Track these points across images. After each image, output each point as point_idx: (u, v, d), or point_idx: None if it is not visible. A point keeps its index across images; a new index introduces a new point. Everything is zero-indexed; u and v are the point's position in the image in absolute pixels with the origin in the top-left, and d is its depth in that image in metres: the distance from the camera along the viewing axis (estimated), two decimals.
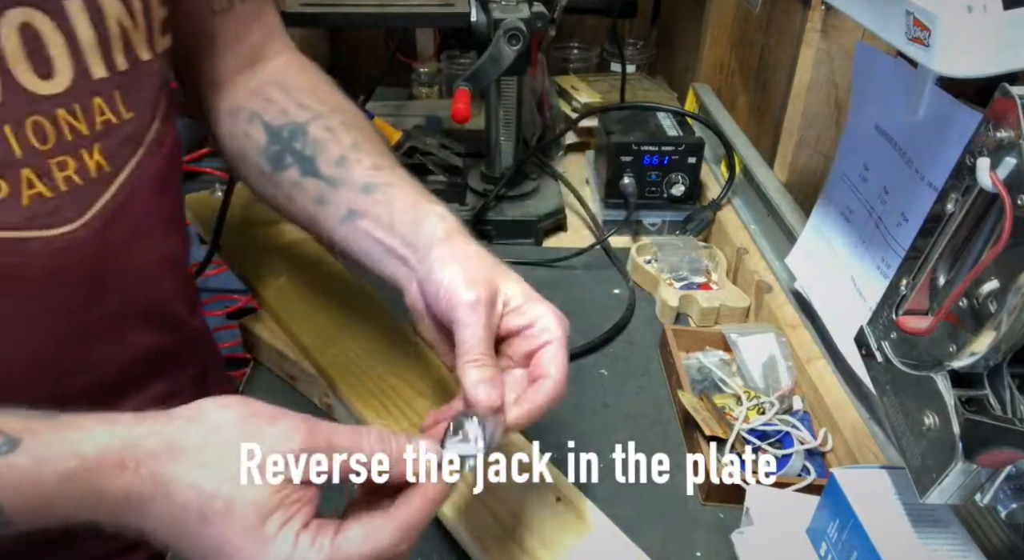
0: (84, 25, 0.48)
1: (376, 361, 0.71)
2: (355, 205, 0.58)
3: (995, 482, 0.43)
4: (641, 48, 1.46)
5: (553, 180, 1.12)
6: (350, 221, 0.58)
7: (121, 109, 0.52)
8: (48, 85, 0.47)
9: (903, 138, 0.67)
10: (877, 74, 0.70)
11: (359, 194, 0.58)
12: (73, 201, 0.49)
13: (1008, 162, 0.40)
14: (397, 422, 0.65)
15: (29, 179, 0.47)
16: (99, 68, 0.50)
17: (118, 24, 0.50)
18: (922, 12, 0.50)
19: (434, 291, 0.51)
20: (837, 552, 0.53)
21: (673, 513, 0.66)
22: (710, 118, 1.15)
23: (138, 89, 0.53)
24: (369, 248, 0.57)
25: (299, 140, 0.61)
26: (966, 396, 0.43)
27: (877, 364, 0.50)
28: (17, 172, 0.46)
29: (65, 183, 0.49)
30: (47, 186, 0.48)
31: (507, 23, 0.90)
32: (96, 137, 0.50)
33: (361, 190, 0.58)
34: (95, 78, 0.49)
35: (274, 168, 0.62)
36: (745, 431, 0.69)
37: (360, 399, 0.68)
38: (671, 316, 0.89)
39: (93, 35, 0.48)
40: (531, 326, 0.52)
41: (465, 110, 0.91)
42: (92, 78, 0.49)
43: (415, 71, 1.40)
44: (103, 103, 0.50)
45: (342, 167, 0.59)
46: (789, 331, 0.80)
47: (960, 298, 0.42)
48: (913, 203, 0.64)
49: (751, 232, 0.97)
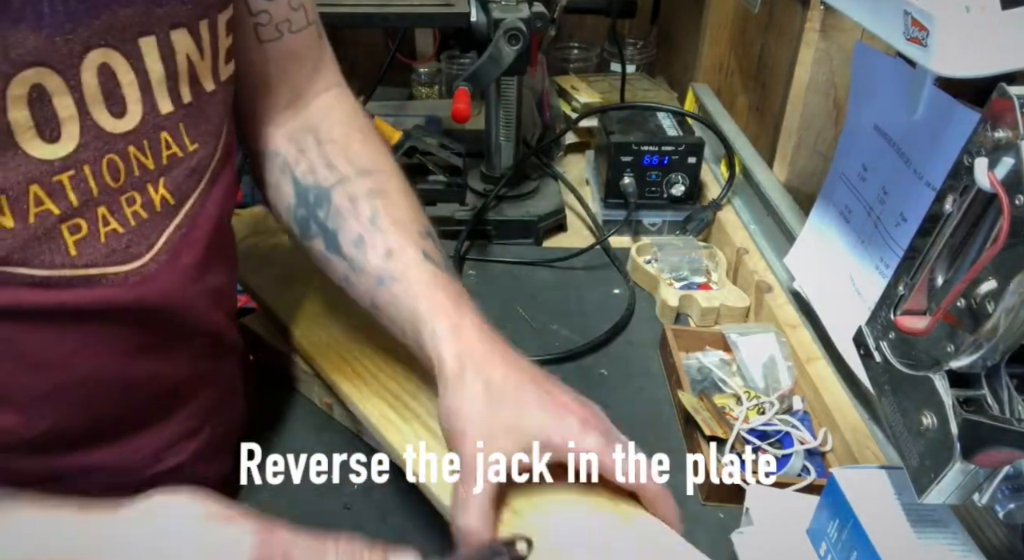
0: (155, 62, 0.48)
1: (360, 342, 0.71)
2: (374, 297, 0.58)
3: (993, 482, 0.43)
4: (641, 48, 1.46)
5: (553, 180, 1.12)
6: (375, 310, 0.58)
7: (186, 141, 0.52)
8: (121, 123, 0.47)
9: (902, 138, 0.67)
10: (876, 74, 0.70)
11: (375, 285, 0.58)
12: (141, 235, 0.50)
13: (1006, 162, 0.40)
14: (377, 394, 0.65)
15: (104, 216, 0.47)
16: (166, 103, 0.50)
17: (186, 59, 0.50)
18: (920, 12, 0.50)
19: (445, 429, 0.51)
20: (837, 552, 0.53)
21: None
22: (710, 118, 1.15)
23: (202, 120, 0.53)
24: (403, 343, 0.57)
25: (323, 208, 0.61)
26: (964, 396, 0.43)
27: (875, 364, 0.50)
28: (95, 211, 0.47)
29: (133, 218, 0.49)
30: (119, 222, 0.48)
31: (507, 23, 0.90)
32: (161, 171, 0.50)
33: (376, 282, 0.58)
34: (162, 113, 0.49)
35: (302, 234, 0.62)
36: (745, 431, 0.69)
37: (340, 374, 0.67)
38: (671, 316, 0.89)
39: (162, 71, 0.48)
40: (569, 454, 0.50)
41: (465, 110, 0.91)
42: (160, 114, 0.49)
43: (415, 71, 1.40)
44: (169, 137, 0.50)
45: (360, 249, 0.59)
46: (789, 331, 0.80)
47: (958, 298, 0.42)
48: (912, 203, 0.64)
49: (751, 232, 0.98)
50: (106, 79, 0.45)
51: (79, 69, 0.44)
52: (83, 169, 0.45)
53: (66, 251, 0.46)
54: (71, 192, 0.45)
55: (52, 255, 0.45)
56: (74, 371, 0.50)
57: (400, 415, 0.63)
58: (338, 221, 0.60)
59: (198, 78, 0.52)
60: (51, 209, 0.44)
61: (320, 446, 0.70)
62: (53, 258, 0.45)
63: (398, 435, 0.60)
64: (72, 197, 0.45)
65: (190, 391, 0.60)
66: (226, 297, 0.63)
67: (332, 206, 0.60)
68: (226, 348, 0.65)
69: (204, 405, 0.62)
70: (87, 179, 0.46)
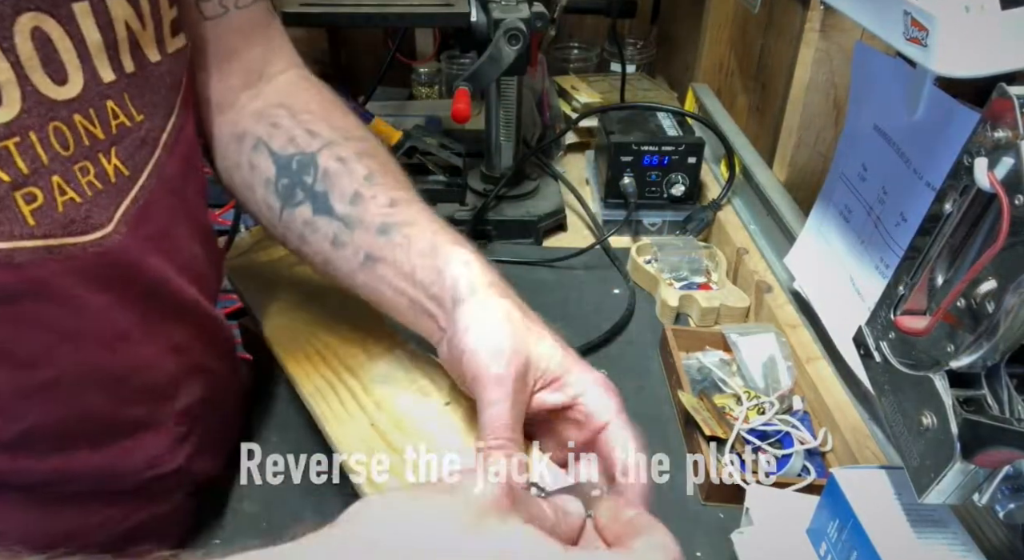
0: (91, 28, 0.47)
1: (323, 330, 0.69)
2: (372, 249, 0.54)
3: (993, 482, 0.43)
4: (641, 48, 1.46)
5: (553, 180, 1.12)
6: (368, 267, 0.55)
7: (132, 111, 0.51)
8: (63, 90, 0.46)
9: (902, 138, 0.67)
10: (876, 74, 0.70)
11: (375, 236, 0.54)
12: (100, 206, 0.49)
13: (1006, 162, 0.40)
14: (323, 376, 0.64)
15: (60, 185, 0.46)
16: (107, 71, 0.49)
17: (125, 26, 0.49)
18: (920, 12, 0.50)
19: (458, 357, 0.48)
20: (837, 552, 0.53)
21: (673, 513, 0.65)
22: (710, 118, 1.15)
23: (148, 90, 0.52)
24: (392, 299, 0.54)
25: (309, 173, 0.58)
26: (964, 396, 0.43)
27: (875, 364, 0.50)
28: (48, 179, 0.46)
29: (89, 188, 0.48)
30: (76, 191, 0.47)
31: (507, 23, 0.90)
32: (112, 141, 0.50)
33: (378, 231, 0.54)
34: (105, 82, 0.49)
35: (284, 203, 0.59)
36: (745, 431, 0.69)
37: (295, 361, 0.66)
38: (671, 316, 0.89)
39: (99, 38, 0.48)
40: (576, 406, 0.47)
41: (465, 110, 0.91)
42: (102, 82, 0.49)
43: (415, 71, 1.40)
44: (115, 106, 0.50)
45: (356, 204, 0.56)
46: (789, 331, 0.80)
47: (958, 298, 0.42)
48: (912, 203, 0.64)
49: (751, 232, 0.98)
50: (42, 44, 0.45)
51: (11, 31, 0.43)
52: (29, 135, 0.44)
53: (24, 221, 0.45)
54: (19, 159, 0.44)
55: (10, 225, 0.44)
56: (48, 365, 0.48)
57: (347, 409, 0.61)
58: (328, 182, 0.57)
59: (140, 47, 0.51)
60: (1, 176, 0.43)
61: (320, 446, 0.70)
62: (12, 229, 0.44)
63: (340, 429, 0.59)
64: (21, 164, 0.44)
65: (179, 389, 0.58)
66: (201, 273, 0.60)
67: (320, 169, 0.58)
68: (211, 336, 0.63)
69: (195, 405, 0.60)
70: (34, 146, 0.45)
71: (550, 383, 0.48)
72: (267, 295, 0.77)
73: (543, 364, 0.48)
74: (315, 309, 0.74)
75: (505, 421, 0.44)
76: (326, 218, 0.57)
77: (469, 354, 0.47)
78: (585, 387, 0.48)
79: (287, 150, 0.60)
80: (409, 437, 0.56)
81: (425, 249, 0.53)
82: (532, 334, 0.48)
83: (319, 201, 0.57)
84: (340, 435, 0.58)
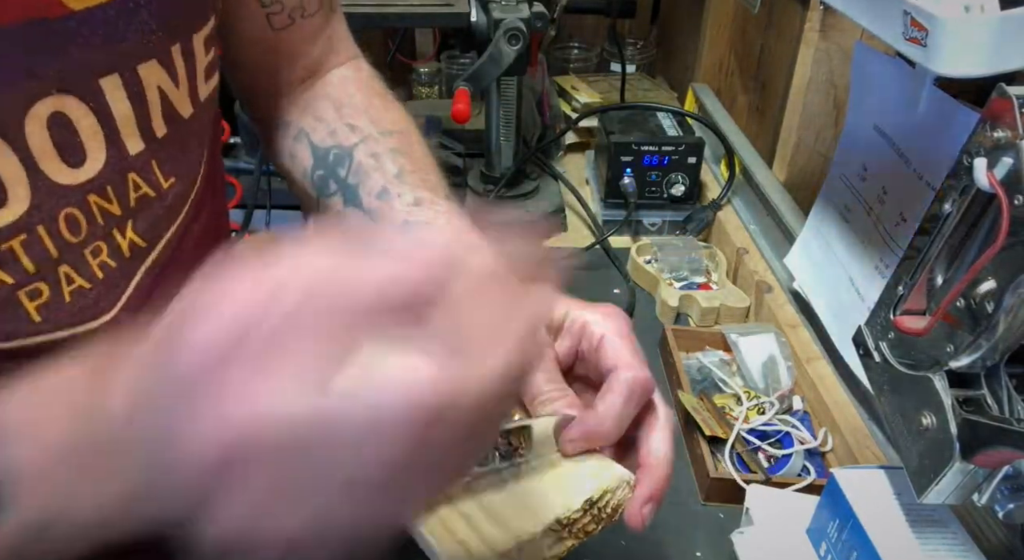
0: (120, 101, 0.43)
1: None
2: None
3: (992, 482, 0.43)
4: (641, 48, 1.46)
5: (553, 180, 1.12)
6: None
7: (159, 179, 0.47)
8: (79, 173, 0.42)
9: (901, 138, 0.67)
10: (875, 74, 0.70)
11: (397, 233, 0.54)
12: (110, 285, 0.45)
13: (1005, 162, 0.40)
14: None
15: (68, 275, 0.43)
16: (134, 142, 0.44)
17: (158, 91, 0.45)
18: (920, 12, 0.50)
19: None
20: (837, 552, 0.53)
21: (673, 513, 0.66)
22: (710, 118, 1.15)
23: (180, 151, 0.48)
24: None
25: (344, 166, 0.58)
26: (963, 396, 0.43)
27: (875, 364, 0.50)
28: (56, 271, 0.42)
29: (101, 269, 0.44)
30: (85, 278, 0.44)
31: (507, 23, 0.90)
32: (129, 214, 0.45)
33: (399, 229, 0.55)
34: (131, 154, 0.44)
35: (319, 193, 0.60)
36: (745, 431, 0.69)
37: None
38: (671, 316, 0.89)
39: (129, 110, 0.43)
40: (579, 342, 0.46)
41: (465, 110, 0.91)
42: (127, 155, 0.44)
43: (415, 71, 1.40)
44: (137, 177, 0.45)
45: (384, 200, 0.56)
46: (789, 331, 0.80)
47: (957, 298, 0.42)
48: (911, 203, 0.64)
49: (751, 232, 0.97)
50: (59, 130, 0.40)
51: (22, 123, 0.39)
52: (36, 230, 0.40)
53: (27, 318, 0.41)
54: (24, 257, 0.40)
55: (13, 324, 0.41)
56: None
57: None
58: (360, 176, 0.58)
59: (174, 107, 0.47)
60: (3, 279, 0.39)
61: None
62: (16, 327, 0.41)
63: None
64: (26, 262, 0.40)
65: None
66: None
67: (354, 163, 0.58)
68: None
69: None
70: (42, 240, 0.41)
71: (557, 331, 0.46)
72: None
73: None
74: None
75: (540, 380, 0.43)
76: (355, 211, 0.58)
77: None
78: (587, 317, 0.45)
79: (326, 143, 0.60)
80: None
81: None
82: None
83: (350, 193, 0.58)
84: None
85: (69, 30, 0.40)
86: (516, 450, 0.40)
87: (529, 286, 0.32)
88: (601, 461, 0.42)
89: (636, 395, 0.42)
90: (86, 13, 0.40)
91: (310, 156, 0.60)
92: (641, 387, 0.42)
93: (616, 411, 0.42)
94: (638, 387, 0.42)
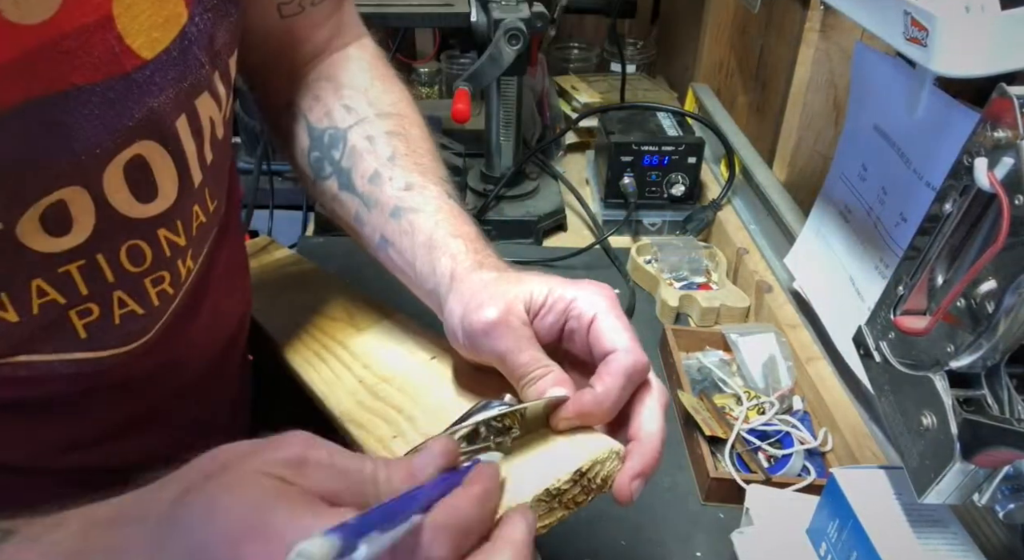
0: (188, 138, 0.44)
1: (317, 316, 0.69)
2: (385, 232, 0.55)
3: (993, 482, 0.43)
4: (641, 48, 1.46)
5: (553, 180, 1.12)
6: (383, 249, 0.55)
7: (209, 204, 0.48)
8: (150, 208, 0.43)
9: (902, 138, 0.67)
10: (876, 74, 0.70)
11: (388, 219, 0.55)
12: (161, 311, 0.46)
13: (1005, 162, 0.40)
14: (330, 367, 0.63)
15: (121, 299, 0.44)
16: (197, 174, 0.46)
17: (210, 120, 0.46)
18: (920, 12, 0.50)
19: (455, 339, 0.47)
20: (837, 552, 0.53)
21: (673, 513, 0.66)
22: (710, 118, 1.15)
23: (220, 172, 0.50)
24: (405, 281, 0.55)
25: (338, 148, 0.58)
26: (964, 396, 0.43)
27: (875, 364, 0.50)
28: (109, 296, 0.43)
29: (159, 298, 0.46)
30: (139, 303, 0.45)
31: (507, 23, 0.90)
32: (191, 244, 0.47)
33: (390, 215, 0.55)
34: (195, 185, 0.46)
35: (316, 176, 0.60)
36: (745, 431, 0.69)
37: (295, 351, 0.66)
38: (671, 316, 0.89)
39: (193, 145, 0.45)
40: (566, 320, 0.45)
41: (465, 110, 0.91)
42: (193, 186, 0.46)
43: (415, 71, 1.41)
44: (198, 208, 0.47)
45: (375, 184, 0.56)
46: (789, 331, 0.80)
47: (958, 298, 0.42)
48: (911, 203, 0.64)
49: (751, 232, 0.97)
50: (135, 171, 0.41)
51: (102, 174, 0.40)
52: (95, 258, 0.41)
53: (76, 335, 0.42)
54: (80, 282, 0.41)
55: (60, 339, 0.42)
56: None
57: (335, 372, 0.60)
58: (353, 159, 0.58)
59: (216, 132, 0.48)
60: (56, 298, 0.41)
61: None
62: (63, 343, 0.42)
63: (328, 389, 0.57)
64: (81, 285, 0.41)
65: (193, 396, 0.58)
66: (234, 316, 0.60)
67: (348, 146, 0.58)
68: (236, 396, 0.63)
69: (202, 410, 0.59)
70: (100, 268, 0.42)
71: (540, 309, 0.46)
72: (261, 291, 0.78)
73: (526, 297, 0.46)
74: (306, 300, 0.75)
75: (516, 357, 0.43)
76: (349, 194, 0.58)
77: (461, 326, 0.46)
78: (570, 297, 0.45)
79: (322, 123, 0.60)
80: (395, 387, 0.55)
81: (423, 241, 0.53)
82: (509, 283, 0.47)
83: (343, 177, 0.58)
84: (328, 393, 0.57)
85: (146, 79, 0.40)
86: (508, 429, 0.41)
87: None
88: (590, 433, 0.43)
89: (635, 379, 0.43)
90: (157, 60, 0.41)
91: (307, 137, 0.60)
92: (640, 371, 0.43)
93: (615, 395, 0.42)
94: (637, 371, 0.42)
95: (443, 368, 0.56)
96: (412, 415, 0.51)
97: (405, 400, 0.53)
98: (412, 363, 0.57)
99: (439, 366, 0.56)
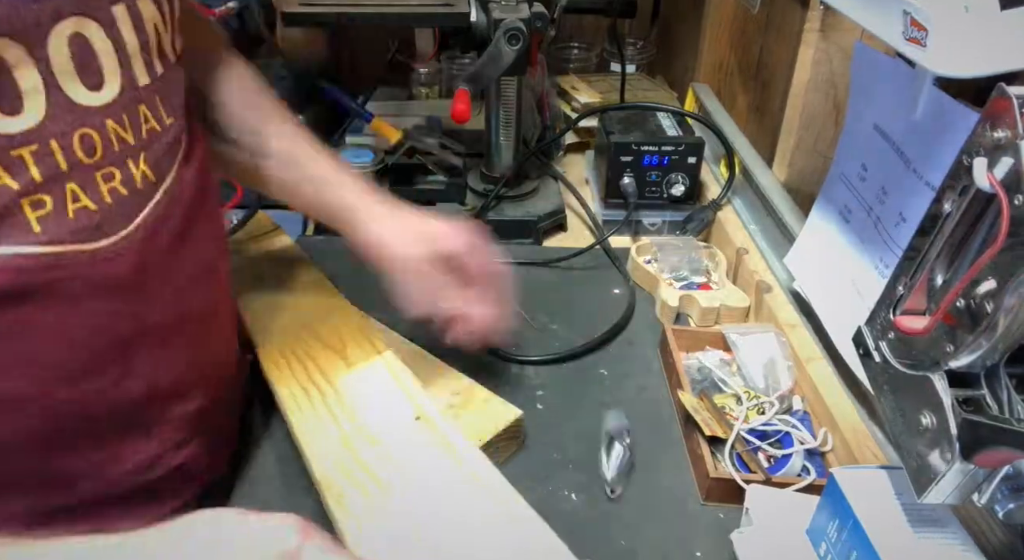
0: (129, 31, 0.47)
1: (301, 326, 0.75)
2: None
3: (992, 482, 0.43)
4: (641, 48, 1.46)
5: (553, 180, 1.12)
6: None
7: (163, 115, 0.51)
8: (97, 96, 0.46)
9: (901, 138, 0.67)
10: (875, 74, 0.70)
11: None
12: (118, 213, 0.48)
13: (1005, 162, 0.40)
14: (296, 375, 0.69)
15: (74, 192, 0.45)
16: (142, 75, 0.49)
17: (154, 29, 0.50)
18: (919, 12, 0.50)
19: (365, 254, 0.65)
20: (837, 552, 0.53)
21: (673, 513, 0.66)
22: (709, 118, 1.15)
23: (173, 93, 0.53)
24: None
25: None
26: (963, 396, 0.43)
27: (875, 364, 0.50)
28: (63, 186, 0.45)
29: (110, 195, 0.47)
30: (92, 199, 0.46)
31: (507, 23, 0.90)
32: (142, 146, 0.49)
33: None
34: (140, 85, 0.49)
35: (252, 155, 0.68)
36: (745, 431, 0.69)
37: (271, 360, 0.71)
38: (671, 316, 0.89)
39: (136, 41, 0.48)
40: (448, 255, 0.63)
41: (465, 110, 0.91)
42: (137, 85, 0.48)
43: (415, 71, 1.40)
44: (147, 110, 0.50)
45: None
46: (789, 331, 0.80)
47: (957, 298, 0.42)
48: (911, 203, 0.64)
49: (751, 232, 0.97)
50: (79, 49, 0.44)
51: (46, 40, 0.42)
52: (49, 143, 0.43)
53: (29, 228, 0.44)
54: (33, 167, 0.43)
55: (14, 232, 0.43)
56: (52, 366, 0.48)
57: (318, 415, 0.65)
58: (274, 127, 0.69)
59: (163, 49, 0.51)
60: (8, 184, 0.42)
61: None
62: (15, 235, 0.43)
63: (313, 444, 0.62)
64: (34, 171, 0.43)
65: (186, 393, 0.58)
66: (214, 271, 0.61)
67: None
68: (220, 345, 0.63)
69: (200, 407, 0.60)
70: (53, 153, 0.44)
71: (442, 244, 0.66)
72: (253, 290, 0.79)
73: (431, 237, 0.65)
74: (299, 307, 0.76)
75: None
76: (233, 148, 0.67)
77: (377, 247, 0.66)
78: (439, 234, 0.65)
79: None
80: (377, 455, 0.59)
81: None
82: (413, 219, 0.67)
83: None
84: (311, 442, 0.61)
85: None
86: None
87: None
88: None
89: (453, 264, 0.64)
90: None
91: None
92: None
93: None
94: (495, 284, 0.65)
95: (424, 430, 0.61)
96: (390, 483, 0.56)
97: (386, 468, 0.58)
98: (398, 422, 0.62)
99: (421, 428, 0.61)
